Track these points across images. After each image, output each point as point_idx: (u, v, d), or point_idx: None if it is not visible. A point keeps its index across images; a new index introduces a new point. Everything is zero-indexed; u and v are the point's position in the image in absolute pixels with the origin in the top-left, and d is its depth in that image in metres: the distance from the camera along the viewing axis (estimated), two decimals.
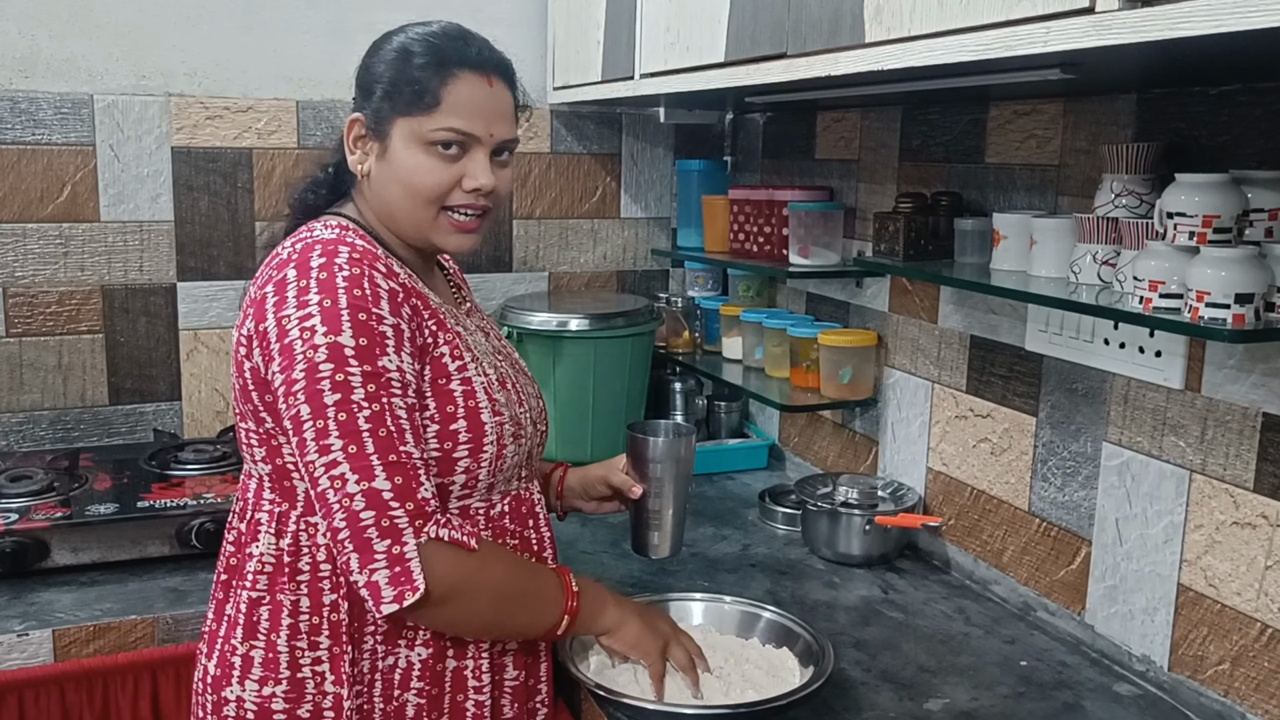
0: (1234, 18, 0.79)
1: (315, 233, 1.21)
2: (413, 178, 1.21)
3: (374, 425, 1.11)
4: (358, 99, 1.26)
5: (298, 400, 1.12)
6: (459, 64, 1.21)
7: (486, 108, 1.22)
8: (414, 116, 1.20)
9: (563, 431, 2.14)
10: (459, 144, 1.21)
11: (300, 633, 1.21)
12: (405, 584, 1.11)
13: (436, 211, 1.24)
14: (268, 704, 1.21)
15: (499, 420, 1.23)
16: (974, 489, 1.76)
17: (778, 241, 2.06)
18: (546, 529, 1.37)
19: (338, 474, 1.11)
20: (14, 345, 2.07)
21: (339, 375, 1.11)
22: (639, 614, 1.34)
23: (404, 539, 1.11)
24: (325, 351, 1.11)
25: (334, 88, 2.21)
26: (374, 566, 1.11)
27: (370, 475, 1.10)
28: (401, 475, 1.12)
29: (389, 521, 1.10)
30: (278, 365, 1.13)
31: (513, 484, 1.31)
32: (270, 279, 1.17)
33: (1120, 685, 1.43)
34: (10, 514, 1.66)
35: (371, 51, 1.27)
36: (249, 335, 1.18)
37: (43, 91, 2.04)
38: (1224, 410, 1.32)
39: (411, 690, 1.23)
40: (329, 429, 1.11)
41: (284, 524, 1.21)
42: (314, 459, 1.12)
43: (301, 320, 1.12)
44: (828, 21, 1.34)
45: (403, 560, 1.11)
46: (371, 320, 1.13)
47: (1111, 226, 1.36)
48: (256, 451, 1.24)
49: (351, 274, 1.14)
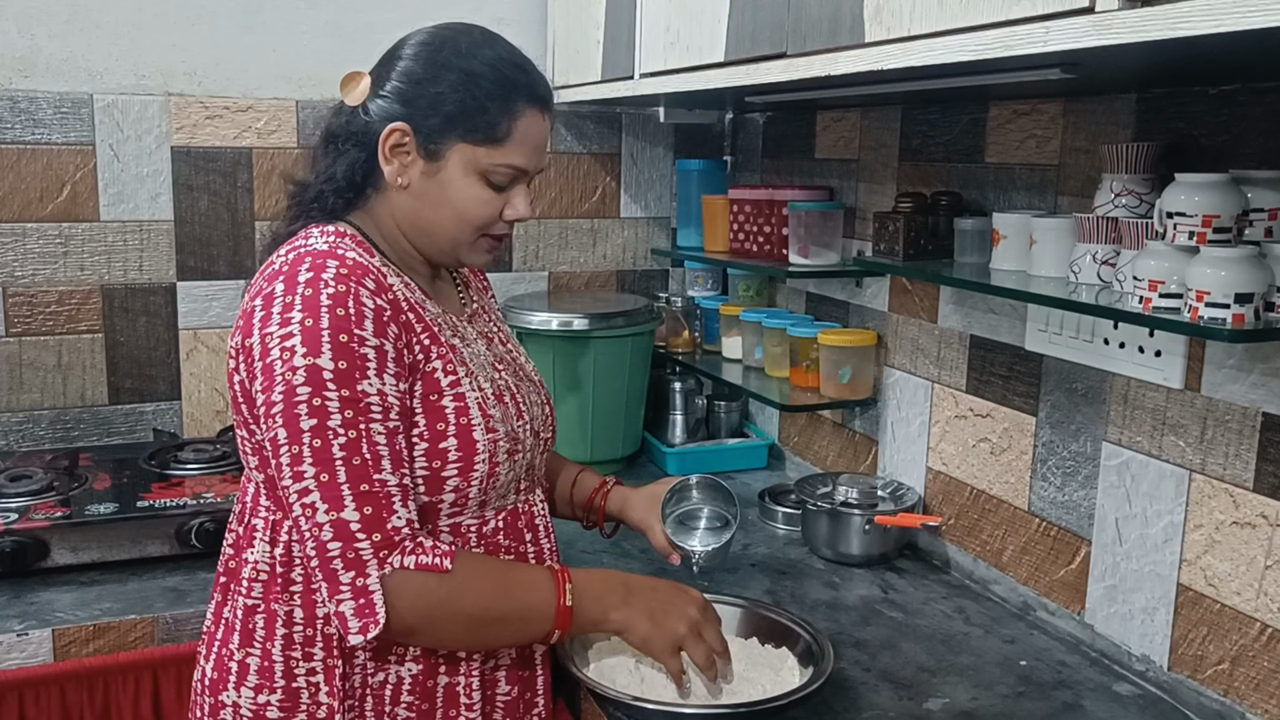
0: (1234, 18, 0.79)
1: (310, 241, 1.19)
2: (469, 208, 1.22)
3: (349, 453, 1.10)
4: (396, 107, 1.20)
5: (275, 423, 1.11)
6: (527, 100, 1.21)
7: (541, 143, 1.24)
8: (479, 146, 1.19)
9: (562, 431, 2.11)
10: (513, 179, 1.23)
11: (295, 643, 1.20)
12: (368, 616, 1.10)
13: (476, 237, 1.25)
14: (262, 711, 1.20)
15: (492, 438, 1.22)
16: (974, 489, 1.76)
17: (777, 241, 2.06)
18: (547, 539, 1.35)
19: (309, 502, 1.10)
20: (14, 345, 2.07)
21: (316, 400, 1.10)
22: (649, 613, 1.27)
23: (368, 570, 1.10)
24: (304, 374, 1.10)
25: (334, 87, 2.17)
26: (340, 597, 1.11)
27: (339, 505, 1.10)
28: (372, 505, 1.11)
29: (354, 553, 1.10)
30: (259, 385, 1.13)
31: (508, 498, 1.29)
32: (260, 290, 1.16)
33: (1120, 685, 1.43)
34: (10, 514, 1.66)
35: (421, 60, 1.21)
36: (236, 349, 1.18)
37: (42, 91, 2.04)
38: (1224, 410, 1.32)
39: (402, 705, 1.22)
40: (303, 455, 1.10)
41: (277, 533, 1.21)
42: (288, 484, 1.11)
43: (283, 340, 1.11)
44: (827, 21, 1.34)
45: (366, 593, 1.10)
46: (353, 342, 1.11)
47: (1111, 226, 1.36)
48: (250, 459, 1.24)
49: (336, 291, 1.12)
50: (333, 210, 1.25)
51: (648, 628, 1.26)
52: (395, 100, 1.21)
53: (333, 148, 1.26)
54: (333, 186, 1.24)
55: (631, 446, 2.31)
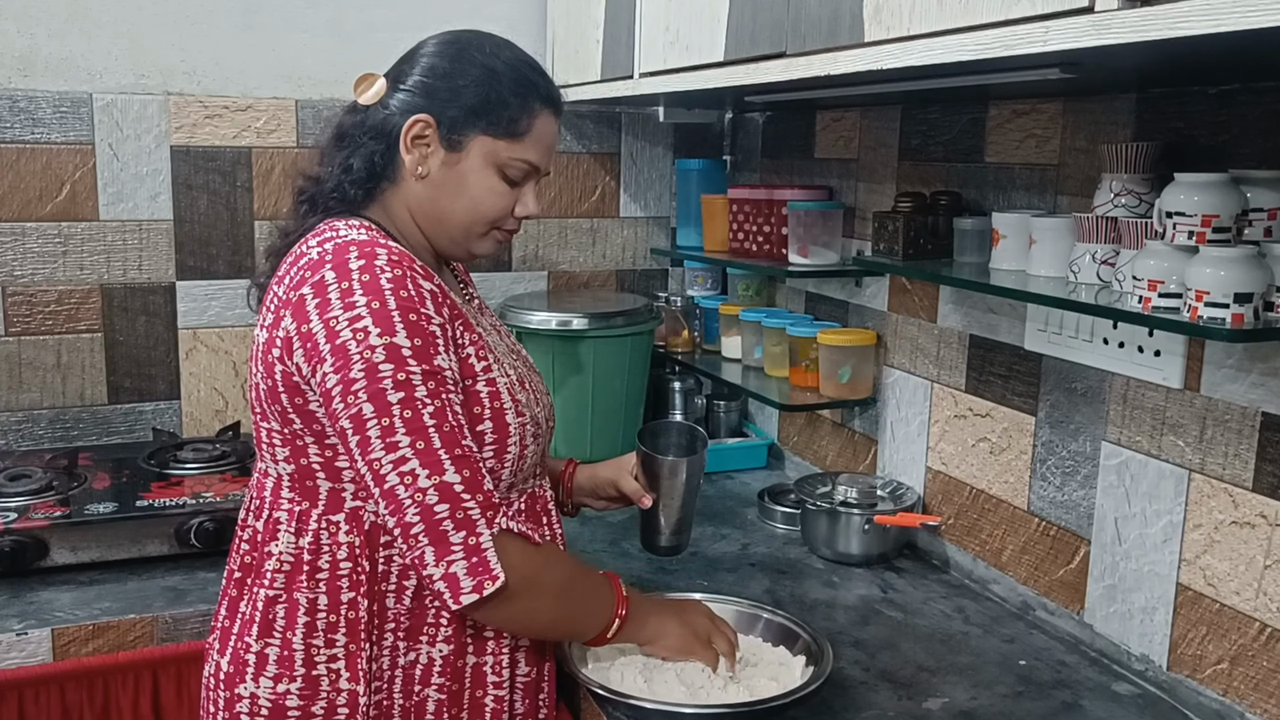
0: (1233, 18, 0.79)
1: (342, 233, 1.21)
2: (484, 199, 1.26)
3: (438, 421, 1.13)
4: (419, 100, 1.24)
5: (359, 399, 1.12)
6: (544, 101, 1.27)
7: (552, 144, 1.31)
8: (499, 140, 1.25)
9: (562, 431, 2.14)
10: (526, 175, 1.28)
11: (317, 630, 1.21)
12: (484, 574, 1.13)
13: (488, 229, 1.30)
14: (282, 701, 1.21)
15: (522, 421, 1.25)
16: (973, 488, 1.76)
17: (777, 241, 2.06)
18: (558, 525, 1.39)
19: (407, 470, 1.12)
20: (13, 344, 2.07)
21: (400, 375, 1.12)
22: (677, 618, 1.36)
23: (479, 530, 1.13)
24: (383, 352, 1.12)
25: (333, 86, 2.21)
26: (451, 558, 1.12)
27: (440, 469, 1.12)
28: (469, 468, 1.14)
29: (463, 514, 1.12)
30: (330, 366, 1.13)
31: (528, 483, 1.32)
32: (305, 280, 1.17)
33: (1119, 684, 1.43)
34: (9, 513, 1.66)
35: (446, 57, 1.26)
36: (286, 337, 1.17)
37: (42, 90, 2.04)
38: (1223, 410, 1.32)
39: (432, 686, 1.24)
40: (395, 426, 1.12)
41: (304, 523, 1.22)
42: (379, 456, 1.12)
43: (352, 322, 1.13)
44: (827, 21, 1.34)
45: (479, 550, 1.13)
46: (421, 320, 1.15)
47: (1111, 226, 1.36)
48: (279, 451, 1.23)
49: (395, 275, 1.15)
50: (352, 201, 1.27)
51: (680, 632, 1.34)
52: (418, 94, 1.25)
53: (349, 142, 1.28)
54: (350, 178, 1.27)
55: (631, 446, 2.30)
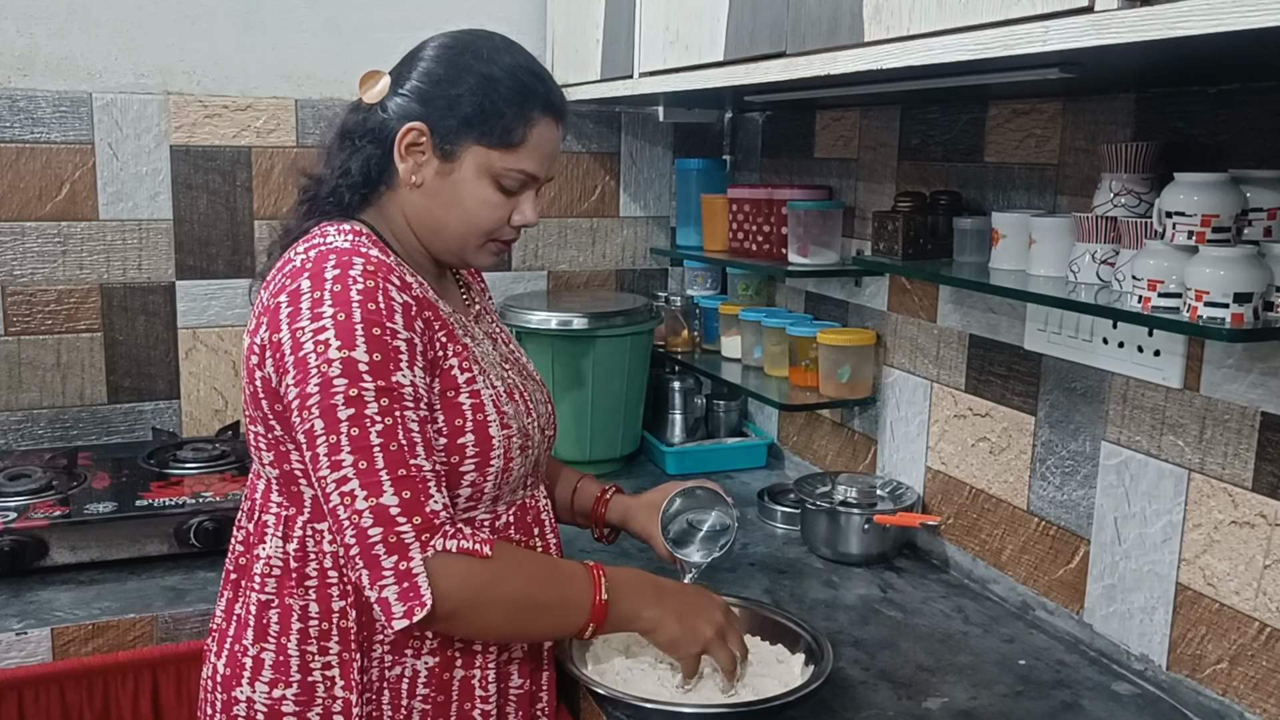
0: (1233, 17, 0.79)
1: (329, 239, 1.20)
2: (479, 211, 1.24)
3: (385, 440, 1.11)
4: (414, 106, 1.22)
5: (311, 414, 1.12)
6: (543, 108, 1.23)
7: (553, 151, 1.27)
8: (493, 149, 1.22)
9: (562, 431, 2.13)
10: (523, 184, 1.25)
11: (310, 637, 1.21)
12: (413, 599, 1.10)
13: (484, 241, 1.27)
14: (278, 706, 1.21)
15: (507, 434, 1.24)
16: (973, 488, 1.76)
17: (777, 240, 2.06)
18: (553, 535, 1.38)
19: (347, 490, 1.11)
20: (12, 344, 2.07)
21: (352, 390, 1.11)
22: (679, 616, 1.28)
23: (410, 554, 1.10)
24: (339, 366, 1.11)
25: (333, 86, 2.21)
26: (383, 583, 1.11)
27: (378, 491, 1.10)
28: (410, 489, 1.11)
29: (395, 538, 1.10)
30: (291, 378, 1.13)
31: (517, 494, 1.31)
32: (284, 287, 1.17)
33: (1119, 684, 1.43)
34: (9, 513, 1.66)
35: (442, 62, 1.23)
36: (262, 344, 1.18)
37: (41, 90, 2.04)
38: (1223, 409, 1.32)
39: (418, 698, 1.24)
40: (340, 444, 1.11)
41: (290, 528, 1.22)
42: (325, 474, 1.12)
43: (315, 334, 1.12)
44: (826, 20, 1.34)
45: (410, 576, 1.10)
46: (385, 335, 1.13)
47: (1110, 226, 1.36)
48: (265, 455, 1.24)
49: (366, 287, 1.13)
50: (348, 205, 1.26)
51: (676, 629, 1.28)
52: (414, 99, 1.22)
53: (349, 143, 1.26)
54: (348, 182, 1.25)
55: (631, 446, 2.31)
